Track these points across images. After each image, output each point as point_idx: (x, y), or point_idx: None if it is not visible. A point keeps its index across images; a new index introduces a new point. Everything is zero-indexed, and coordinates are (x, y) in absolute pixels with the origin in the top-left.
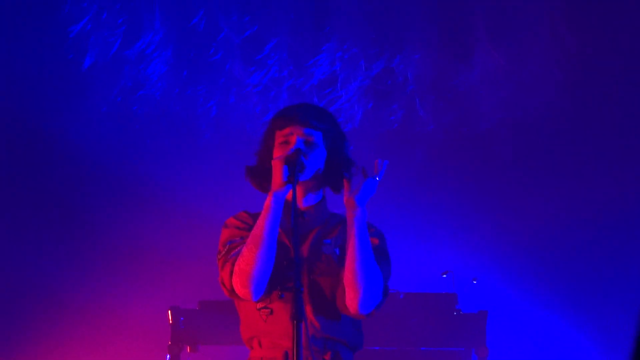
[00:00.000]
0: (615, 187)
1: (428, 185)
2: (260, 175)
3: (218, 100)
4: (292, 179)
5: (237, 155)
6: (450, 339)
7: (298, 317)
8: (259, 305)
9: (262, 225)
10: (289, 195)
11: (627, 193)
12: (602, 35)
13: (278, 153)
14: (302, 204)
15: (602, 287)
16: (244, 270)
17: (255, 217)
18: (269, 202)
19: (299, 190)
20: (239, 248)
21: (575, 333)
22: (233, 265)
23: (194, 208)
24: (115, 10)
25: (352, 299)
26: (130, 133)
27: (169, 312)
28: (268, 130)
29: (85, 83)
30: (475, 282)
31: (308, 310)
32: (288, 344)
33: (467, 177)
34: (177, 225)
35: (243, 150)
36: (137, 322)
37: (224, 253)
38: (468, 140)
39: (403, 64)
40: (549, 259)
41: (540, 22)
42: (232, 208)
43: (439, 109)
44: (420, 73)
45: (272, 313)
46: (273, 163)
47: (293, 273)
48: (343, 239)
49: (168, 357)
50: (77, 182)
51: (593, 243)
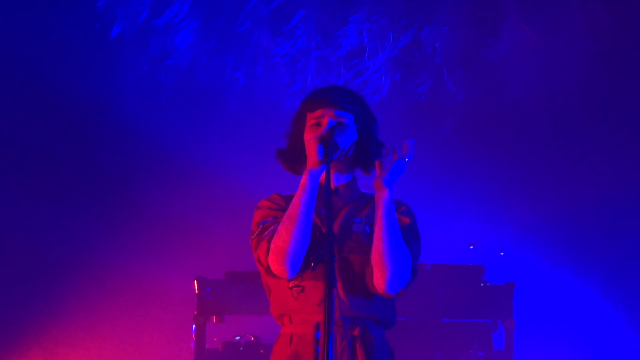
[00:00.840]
0: None
1: (455, 157)
2: (292, 158)
3: (245, 70)
4: (326, 158)
5: (264, 125)
6: (477, 311)
7: (330, 284)
8: (291, 284)
9: (298, 203)
10: (323, 176)
11: None
12: (635, 9)
13: (310, 134)
14: (333, 183)
15: (630, 257)
16: (281, 248)
17: (287, 199)
18: (305, 180)
19: (331, 170)
20: (273, 227)
21: (603, 304)
22: (269, 243)
23: (221, 178)
24: None
25: (379, 279)
26: (158, 103)
27: (195, 282)
28: (299, 113)
29: (113, 53)
30: (502, 253)
31: (339, 288)
32: (318, 319)
33: (495, 148)
34: (204, 196)
35: (270, 121)
36: (163, 292)
37: (258, 233)
38: (496, 112)
39: (431, 36)
40: (576, 231)
41: None
42: (259, 178)
43: (467, 81)
44: (448, 45)
45: (303, 291)
46: (307, 142)
47: (325, 246)
48: (373, 218)
49: (194, 327)
50: (103, 151)
51: (622, 214)
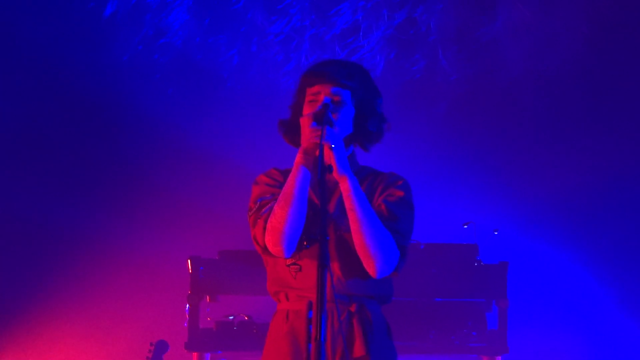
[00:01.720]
0: None
1: (450, 135)
2: (293, 130)
3: (239, 49)
4: (320, 135)
5: (258, 105)
6: (471, 290)
7: (323, 263)
8: (289, 262)
9: (292, 182)
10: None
11: None
12: None
13: (307, 111)
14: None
15: (624, 238)
16: (276, 228)
17: (285, 173)
18: (299, 158)
19: (328, 146)
20: (270, 205)
21: (596, 283)
22: (265, 223)
23: (216, 157)
24: None
25: (367, 267)
26: (152, 82)
27: (189, 261)
28: (300, 86)
29: (106, 31)
30: (497, 233)
31: (335, 267)
32: (313, 296)
33: (489, 128)
34: (198, 175)
35: (265, 99)
36: (157, 271)
37: (255, 210)
38: (491, 92)
39: (426, 14)
40: (570, 210)
41: None
42: (253, 157)
43: (462, 60)
44: (443, 23)
45: (300, 269)
46: (301, 120)
47: (319, 225)
48: (370, 192)
49: (188, 306)
50: (97, 130)
51: (616, 195)
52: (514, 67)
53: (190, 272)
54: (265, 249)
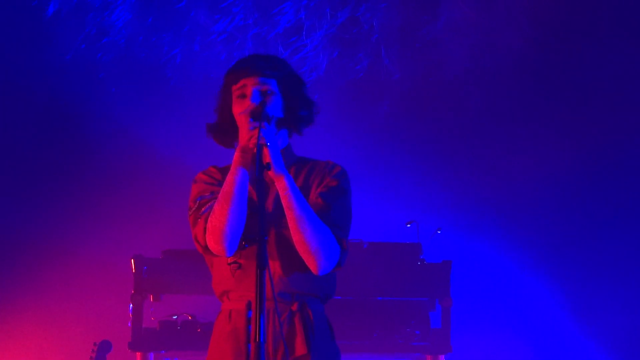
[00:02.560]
0: (583, 137)
1: (393, 134)
2: (222, 132)
3: (182, 48)
4: (257, 132)
5: (202, 103)
6: (414, 289)
7: (261, 265)
8: (229, 260)
9: (231, 181)
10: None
11: (593, 142)
12: None
13: (238, 107)
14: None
15: (565, 238)
16: (217, 227)
17: (224, 170)
18: (237, 157)
19: (263, 144)
20: (210, 204)
21: (539, 282)
22: (206, 222)
23: (159, 155)
24: None
25: (310, 264)
26: (95, 81)
27: (132, 261)
28: (223, 87)
29: (49, 30)
30: (440, 232)
31: (276, 265)
32: (254, 295)
33: (432, 126)
34: (141, 173)
35: (208, 98)
36: (100, 271)
37: (195, 209)
38: (434, 90)
39: (369, 13)
40: (513, 210)
41: None
42: (197, 156)
43: (405, 58)
44: (386, 22)
45: (240, 267)
46: (238, 118)
47: (257, 225)
48: (307, 186)
49: (131, 306)
50: (40, 130)
51: (558, 193)
52: (456, 65)
53: (134, 271)
54: (207, 248)
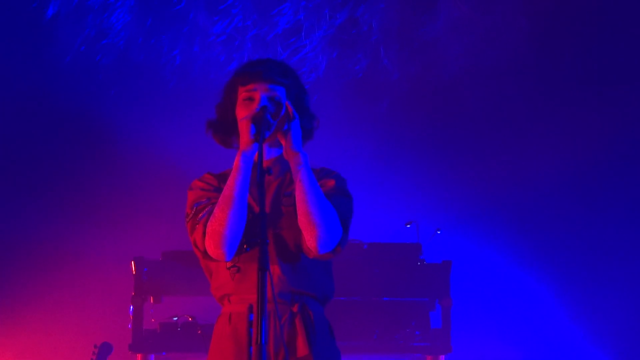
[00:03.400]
0: (583, 135)
1: (392, 134)
2: (223, 130)
3: (182, 50)
4: (258, 137)
5: (201, 104)
6: (414, 289)
7: (263, 267)
8: (229, 264)
9: (232, 185)
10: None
11: (594, 140)
12: None
13: (242, 110)
14: (265, 157)
15: (564, 237)
16: (217, 231)
17: (220, 177)
18: (238, 161)
19: (264, 144)
20: (207, 209)
21: (537, 283)
22: (205, 227)
23: (158, 158)
24: None
25: (310, 239)
26: (94, 83)
27: (133, 263)
28: (230, 85)
29: (49, 32)
30: (439, 232)
31: (275, 267)
32: (254, 298)
33: (431, 126)
34: (141, 176)
35: (207, 100)
36: (100, 273)
37: (192, 215)
38: (433, 90)
39: (368, 14)
40: (513, 209)
41: None
42: (197, 157)
43: (404, 59)
44: (385, 23)
45: (239, 271)
46: (240, 123)
47: (259, 227)
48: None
49: (131, 308)
50: (40, 131)
51: (556, 193)
52: (455, 64)
53: (134, 273)
54: (206, 254)
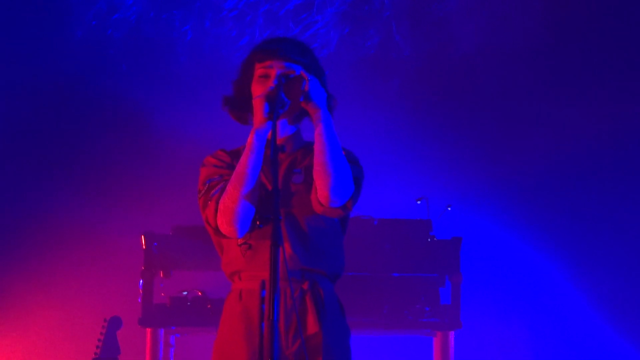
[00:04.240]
0: (593, 116)
1: (404, 111)
2: (239, 107)
3: (193, 25)
4: (272, 116)
5: (212, 80)
6: (424, 266)
7: (276, 242)
8: (240, 241)
9: (245, 163)
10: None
11: (605, 121)
12: None
13: (257, 87)
14: (279, 135)
15: (575, 215)
16: (230, 208)
17: (232, 154)
18: (252, 139)
19: (278, 122)
20: (220, 186)
21: (547, 259)
22: (217, 204)
23: (170, 133)
24: None
25: (323, 189)
26: (106, 57)
27: (142, 237)
28: (247, 61)
29: (60, 7)
30: (450, 208)
31: (286, 244)
32: (266, 275)
33: (442, 103)
34: (152, 150)
35: (219, 75)
36: (110, 247)
37: (204, 192)
38: (444, 67)
39: None
40: (523, 186)
41: None
42: (206, 132)
43: (416, 36)
44: None
45: (251, 248)
46: (254, 101)
47: (272, 204)
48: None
49: (141, 282)
50: (52, 106)
51: (569, 172)
52: (468, 43)
53: (144, 247)
54: (217, 230)
